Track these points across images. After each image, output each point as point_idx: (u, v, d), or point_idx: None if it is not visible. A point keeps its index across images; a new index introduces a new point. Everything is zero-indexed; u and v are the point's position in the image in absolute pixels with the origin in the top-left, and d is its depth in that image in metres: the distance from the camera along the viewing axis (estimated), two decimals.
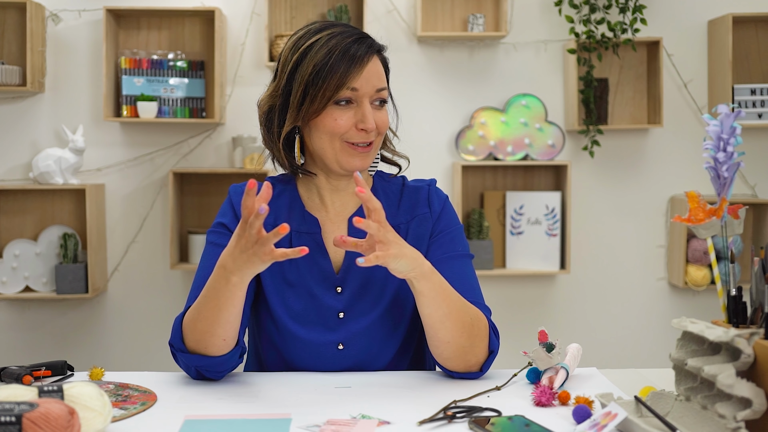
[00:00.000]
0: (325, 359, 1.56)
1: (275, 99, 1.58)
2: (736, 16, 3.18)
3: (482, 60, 3.35)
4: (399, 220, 1.63)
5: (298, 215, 1.61)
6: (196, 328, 1.44)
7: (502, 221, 3.34)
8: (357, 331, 1.56)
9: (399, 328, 1.59)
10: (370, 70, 1.53)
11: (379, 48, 1.58)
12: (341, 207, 1.63)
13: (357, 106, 1.54)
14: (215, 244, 1.58)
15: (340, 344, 1.56)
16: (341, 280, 1.58)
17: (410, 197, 1.66)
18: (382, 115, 1.58)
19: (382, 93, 1.56)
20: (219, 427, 1.24)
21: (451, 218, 1.66)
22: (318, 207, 1.63)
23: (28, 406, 1.05)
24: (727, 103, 2.77)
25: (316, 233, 1.60)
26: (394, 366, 1.62)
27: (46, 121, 3.28)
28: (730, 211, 1.34)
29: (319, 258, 1.59)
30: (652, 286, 3.44)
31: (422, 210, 1.64)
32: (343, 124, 1.53)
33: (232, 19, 3.30)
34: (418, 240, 1.62)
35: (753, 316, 1.28)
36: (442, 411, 1.27)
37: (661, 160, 3.40)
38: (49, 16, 3.25)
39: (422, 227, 1.63)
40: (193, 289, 1.56)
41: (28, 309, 3.32)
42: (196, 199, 3.34)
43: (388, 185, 1.68)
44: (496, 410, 1.28)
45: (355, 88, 1.52)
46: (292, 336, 1.56)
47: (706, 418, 1.15)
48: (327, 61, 1.51)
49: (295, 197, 1.64)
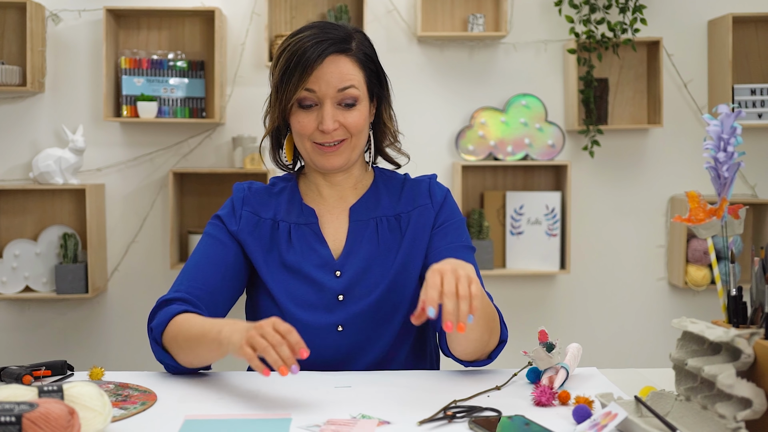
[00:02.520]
0: (326, 341, 1.59)
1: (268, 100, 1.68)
2: (736, 16, 3.18)
3: (482, 60, 3.35)
4: (400, 209, 1.67)
5: (296, 208, 1.67)
6: (174, 345, 1.50)
7: (502, 221, 3.34)
8: (356, 312, 1.60)
9: (398, 313, 1.62)
10: (327, 71, 1.57)
11: (345, 49, 1.58)
12: (339, 199, 1.69)
13: (319, 108, 1.59)
14: (208, 235, 1.66)
15: (339, 326, 1.60)
16: (340, 265, 1.62)
17: (412, 189, 1.70)
18: (351, 115, 1.60)
19: (347, 92, 1.59)
20: (219, 427, 1.24)
21: (454, 210, 1.71)
22: (316, 199, 1.69)
23: (28, 406, 1.05)
24: (727, 103, 2.77)
25: (313, 223, 1.65)
26: (394, 351, 1.63)
27: (46, 121, 3.28)
28: (730, 211, 1.34)
29: (318, 246, 1.64)
30: (652, 286, 3.44)
31: (424, 201, 1.68)
32: (306, 125, 1.59)
33: (232, 19, 3.30)
34: (420, 230, 1.65)
35: (753, 316, 1.28)
36: (442, 411, 1.27)
37: (661, 160, 3.40)
38: (49, 16, 3.25)
39: (424, 217, 1.66)
40: (183, 272, 1.63)
41: (28, 309, 3.32)
42: (196, 199, 3.34)
43: (390, 180, 1.73)
44: (497, 410, 1.28)
45: (312, 90, 1.57)
46: (295, 320, 1.58)
47: (706, 418, 1.15)
48: (288, 65, 1.57)
49: (294, 192, 1.70)
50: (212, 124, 3.27)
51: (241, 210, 1.66)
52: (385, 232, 1.65)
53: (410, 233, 1.64)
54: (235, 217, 1.65)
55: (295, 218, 1.66)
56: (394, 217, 1.66)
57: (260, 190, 1.69)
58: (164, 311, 1.53)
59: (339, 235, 1.66)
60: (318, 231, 1.64)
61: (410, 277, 1.63)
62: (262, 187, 1.70)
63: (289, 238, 1.64)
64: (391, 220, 1.66)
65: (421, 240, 1.65)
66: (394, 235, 1.65)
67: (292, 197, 1.68)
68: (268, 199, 1.68)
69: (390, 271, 1.61)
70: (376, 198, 1.68)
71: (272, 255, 1.63)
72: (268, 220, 1.65)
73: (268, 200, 1.68)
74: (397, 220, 1.66)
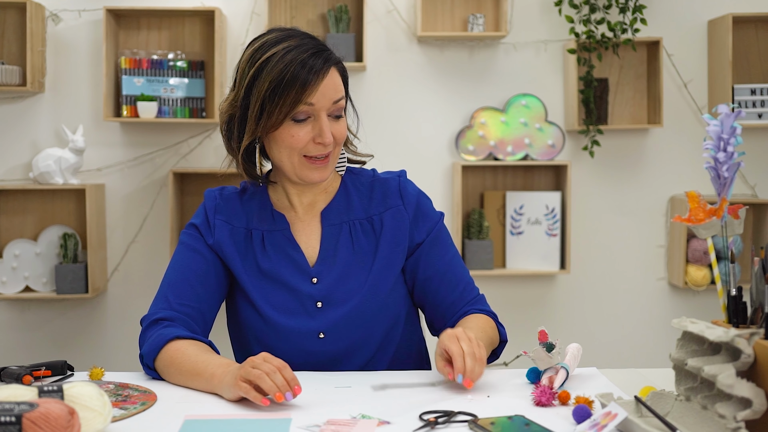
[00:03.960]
0: (308, 348, 1.59)
1: (234, 109, 1.60)
2: (736, 16, 3.17)
3: (482, 60, 3.35)
4: (372, 211, 1.66)
5: (268, 215, 1.66)
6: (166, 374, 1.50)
7: (502, 221, 3.34)
8: (336, 319, 1.59)
9: (379, 316, 1.62)
10: (327, 84, 1.54)
11: (335, 60, 1.58)
12: (309, 205, 1.67)
13: (314, 120, 1.56)
14: (186, 245, 1.65)
15: (321, 333, 1.59)
16: (316, 272, 1.62)
17: (381, 188, 1.68)
18: (340, 126, 1.59)
19: (339, 104, 1.57)
20: (219, 427, 1.24)
21: (431, 214, 1.70)
22: (287, 207, 1.68)
23: (28, 406, 1.05)
24: (727, 103, 2.77)
25: (285, 229, 1.64)
26: (380, 355, 1.64)
27: (46, 121, 3.28)
28: (730, 211, 1.34)
29: (292, 252, 1.63)
30: (652, 286, 3.44)
31: (394, 201, 1.67)
32: (301, 138, 1.55)
33: (232, 19, 3.30)
34: (396, 232, 1.65)
35: (753, 316, 1.28)
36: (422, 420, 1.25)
37: (661, 160, 3.40)
38: (49, 16, 3.25)
39: (397, 219, 1.65)
40: (162, 287, 1.62)
41: (28, 309, 3.32)
42: (196, 199, 3.33)
43: (358, 178, 1.71)
44: (472, 414, 1.27)
45: (311, 103, 1.53)
46: (277, 325, 1.59)
47: (706, 418, 1.15)
48: (283, 78, 1.51)
49: (265, 199, 1.68)
50: (212, 124, 3.27)
51: (214, 219, 1.64)
52: (359, 236, 1.64)
53: (386, 236, 1.64)
54: (209, 228, 1.64)
55: (268, 225, 1.64)
56: (366, 220, 1.65)
57: (231, 196, 1.67)
58: (155, 337, 1.52)
59: (312, 241, 1.65)
60: (291, 237, 1.63)
61: (389, 281, 1.63)
62: (233, 193, 1.68)
63: (263, 245, 1.63)
64: (364, 224, 1.65)
65: (399, 243, 1.64)
66: (368, 239, 1.64)
67: (263, 204, 1.67)
68: (239, 206, 1.66)
69: (368, 276, 1.61)
70: (347, 200, 1.67)
71: (248, 262, 1.62)
72: (242, 228, 1.64)
73: (239, 207, 1.66)
74: (369, 223, 1.65)
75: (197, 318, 1.59)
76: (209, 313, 1.62)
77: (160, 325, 1.55)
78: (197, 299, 1.60)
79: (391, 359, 1.66)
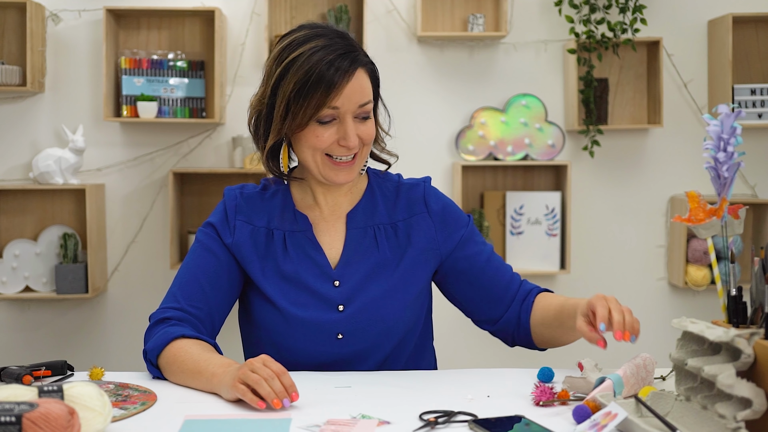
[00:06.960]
0: (324, 349, 1.58)
1: (262, 106, 1.58)
2: (736, 16, 3.17)
3: (482, 60, 3.35)
4: (396, 217, 1.65)
5: (290, 215, 1.64)
6: (167, 371, 1.50)
7: (502, 221, 3.34)
8: (356, 323, 1.58)
9: (399, 323, 1.61)
10: (352, 87, 1.52)
11: (364, 62, 1.56)
12: (334, 205, 1.65)
13: (339, 122, 1.54)
14: (201, 243, 1.63)
15: (339, 334, 1.58)
16: (339, 275, 1.60)
17: (407, 195, 1.67)
18: (367, 127, 1.57)
19: (366, 107, 1.56)
20: (219, 427, 1.24)
21: (460, 219, 1.69)
22: (311, 206, 1.65)
23: (28, 406, 1.05)
24: (727, 103, 2.77)
25: (307, 230, 1.62)
26: (393, 358, 1.63)
27: (46, 121, 3.28)
28: (730, 211, 1.34)
29: (314, 254, 1.61)
30: (652, 286, 3.44)
31: (419, 208, 1.66)
32: (325, 140, 1.54)
33: (232, 19, 3.30)
34: (421, 239, 1.64)
35: (753, 316, 1.28)
36: (422, 420, 1.25)
37: (661, 160, 3.40)
38: (49, 16, 3.25)
39: (423, 224, 1.64)
40: (174, 284, 1.61)
41: (28, 309, 3.32)
42: (196, 199, 3.34)
43: (384, 182, 1.70)
44: (472, 414, 1.27)
45: (336, 107, 1.52)
46: (297, 321, 1.57)
47: (706, 418, 1.15)
48: (308, 80, 1.49)
49: (287, 198, 1.66)
50: (212, 124, 3.27)
51: (234, 220, 1.62)
52: (383, 242, 1.62)
53: (410, 243, 1.63)
54: (229, 228, 1.62)
55: (289, 226, 1.62)
56: (390, 226, 1.64)
57: (252, 196, 1.65)
58: (160, 334, 1.52)
59: (335, 242, 1.63)
60: (313, 238, 1.61)
61: (410, 289, 1.61)
62: (255, 192, 1.66)
63: (285, 246, 1.61)
64: (388, 229, 1.63)
65: (424, 251, 1.63)
66: (392, 245, 1.62)
67: (285, 203, 1.64)
68: (261, 205, 1.64)
69: (391, 282, 1.60)
70: (373, 204, 1.65)
71: (268, 263, 1.60)
72: (263, 228, 1.62)
73: (261, 206, 1.64)
74: (393, 229, 1.64)
75: (205, 320, 1.59)
76: (218, 315, 1.61)
77: (167, 323, 1.55)
78: (206, 301, 1.59)
79: (404, 365, 1.65)
